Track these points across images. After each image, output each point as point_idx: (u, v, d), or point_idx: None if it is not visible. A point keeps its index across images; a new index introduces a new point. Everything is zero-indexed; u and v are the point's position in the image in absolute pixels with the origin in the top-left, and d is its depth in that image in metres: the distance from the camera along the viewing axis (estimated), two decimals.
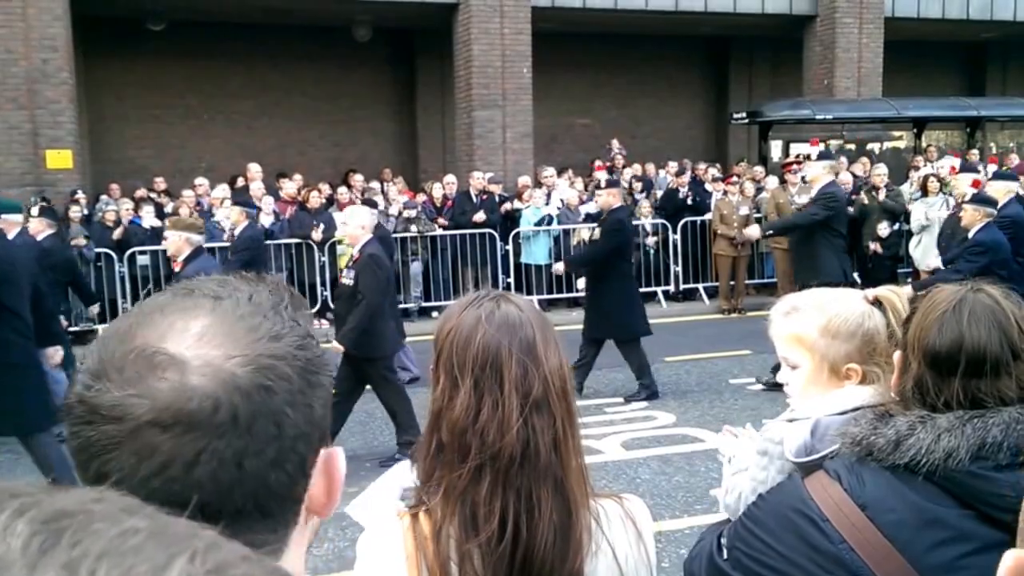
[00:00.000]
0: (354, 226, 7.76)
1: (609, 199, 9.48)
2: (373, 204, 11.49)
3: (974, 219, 8.51)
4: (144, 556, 0.48)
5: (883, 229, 13.15)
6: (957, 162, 15.86)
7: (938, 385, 1.70)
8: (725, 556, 1.87)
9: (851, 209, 14.09)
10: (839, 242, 9.56)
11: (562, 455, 1.60)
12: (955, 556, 1.61)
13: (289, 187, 14.41)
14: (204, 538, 0.52)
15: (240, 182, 15.30)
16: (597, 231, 9.52)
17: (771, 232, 10.14)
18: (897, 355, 1.83)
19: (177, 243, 7.24)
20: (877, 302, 2.09)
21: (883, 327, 2.04)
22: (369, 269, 7.44)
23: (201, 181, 14.79)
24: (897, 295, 2.08)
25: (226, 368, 0.80)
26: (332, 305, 8.32)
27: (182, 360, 0.80)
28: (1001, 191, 9.43)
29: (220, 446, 0.79)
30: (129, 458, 0.78)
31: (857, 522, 1.67)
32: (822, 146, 14.56)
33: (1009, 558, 0.87)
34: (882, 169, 14.41)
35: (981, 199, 8.83)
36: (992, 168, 12.28)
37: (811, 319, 2.09)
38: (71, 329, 12.61)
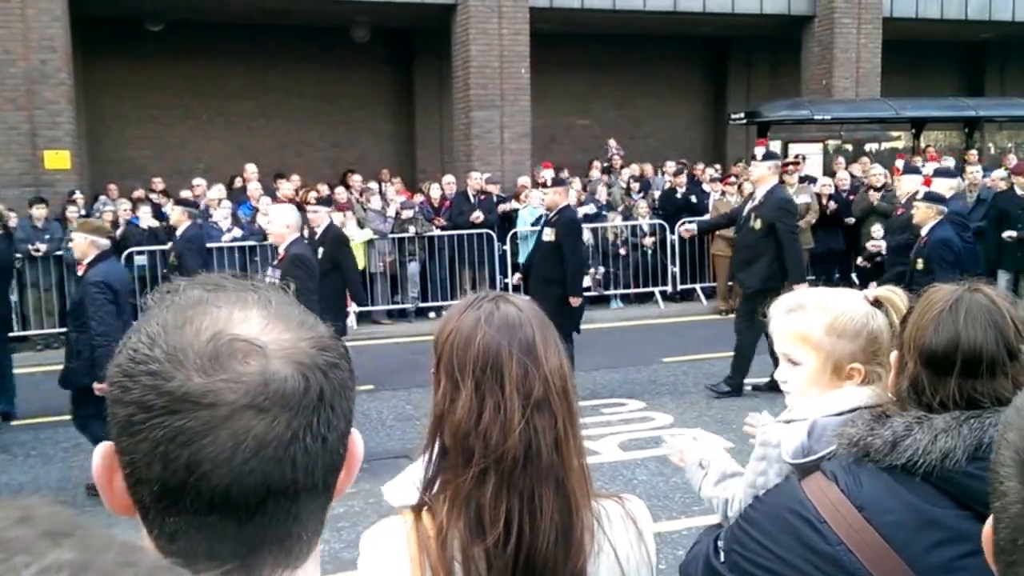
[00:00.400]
0: (279, 225, 7.53)
1: (556, 198, 9.36)
2: (328, 203, 11.22)
3: (927, 216, 8.47)
4: None
5: (877, 231, 13.04)
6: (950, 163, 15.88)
7: (934, 385, 1.69)
8: (722, 559, 1.86)
9: (849, 220, 14.08)
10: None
11: (564, 455, 1.60)
12: (953, 557, 1.60)
13: (286, 188, 14.34)
14: (138, 570, 0.49)
15: (238, 182, 15.31)
16: (550, 232, 9.31)
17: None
18: (894, 355, 1.82)
19: (83, 246, 7.06)
20: (877, 302, 2.08)
21: (886, 328, 2.04)
22: (294, 270, 7.24)
23: (199, 182, 14.78)
24: (897, 295, 2.07)
25: (301, 350, 0.85)
26: None
27: (261, 345, 0.83)
28: (944, 188, 9.47)
29: (312, 423, 0.84)
30: (226, 442, 0.80)
31: (854, 523, 1.66)
32: (783, 146, 14.42)
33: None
34: (878, 169, 14.37)
35: (933, 197, 8.80)
36: (932, 166, 12.31)
37: (816, 317, 2.08)
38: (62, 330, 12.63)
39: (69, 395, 6.96)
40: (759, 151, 9.63)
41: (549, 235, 9.27)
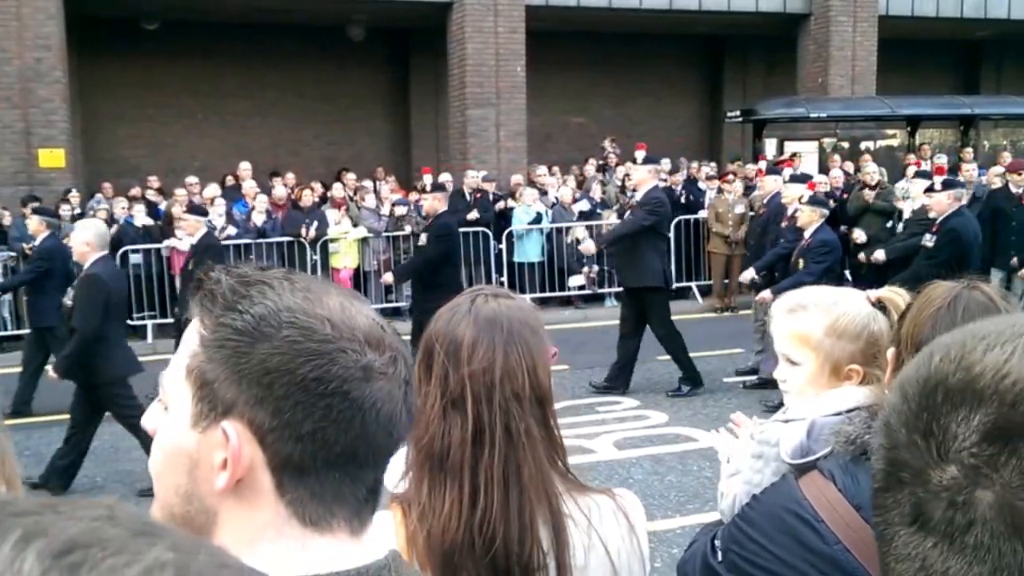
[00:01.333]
0: (78, 243, 6.87)
1: (435, 203, 9.33)
2: (203, 212, 10.06)
3: (811, 219, 8.83)
4: None
5: (859, 236, 12.84)
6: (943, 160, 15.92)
7: None
8: (719, 558, 1.85)
9: (843, 228, 14.05)
10: (662, 246, 9.58)
11: (526, 450, 1.60)
12: None
13: (279, 191, 14.21)
14: (232, 570, 0.49)
15: (231, 180, 15.29)
16: (425, 238, 9.28)
17: (605, 245, 10.16)
18: (891, 352, 1.81)
19: None
20: (879, 303, 2.07)
21: (887, 330, 2.02)
22: (85, 292, 6.65)
23: (193, 180, 14.74)
24: (900, 296, 2.06)
25: (393, 330, 1.00)
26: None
27: (385, 327, 0.98)
28: (795, 193, 9.78)
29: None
30: (394, 407, 0.95)
31: (852, 522, 1.65)
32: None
33: None
34: (871, 168, 14.24)
35: (816, 200, 9.20)
36: (788, 171, 12.52)
37: (817, 318, 2.06)
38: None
39: None
40: (639, 155, 9.98)
41: (424, 241, 9.28)
